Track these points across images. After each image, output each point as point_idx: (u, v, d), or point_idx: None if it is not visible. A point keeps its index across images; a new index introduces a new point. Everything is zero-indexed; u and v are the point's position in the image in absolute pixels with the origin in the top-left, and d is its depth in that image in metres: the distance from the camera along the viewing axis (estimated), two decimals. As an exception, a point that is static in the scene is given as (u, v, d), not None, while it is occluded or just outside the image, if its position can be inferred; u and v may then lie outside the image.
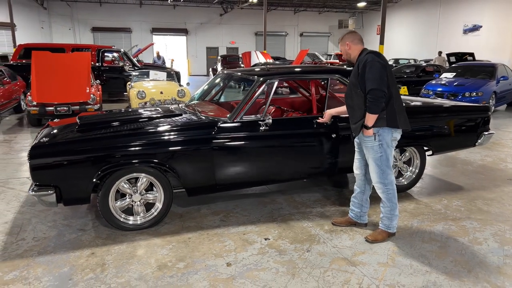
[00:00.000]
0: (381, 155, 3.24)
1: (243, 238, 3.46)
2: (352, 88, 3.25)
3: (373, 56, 3.11)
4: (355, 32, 3.41)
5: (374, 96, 3.05)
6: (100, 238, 3.45)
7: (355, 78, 3.20)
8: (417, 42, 26.83)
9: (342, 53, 3.37)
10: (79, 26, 27.38)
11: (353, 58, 3.30)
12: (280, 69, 4.53)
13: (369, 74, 3.06)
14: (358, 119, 3.22)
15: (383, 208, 3.41)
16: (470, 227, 3.70)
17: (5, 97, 9.35)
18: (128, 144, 3.44)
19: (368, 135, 3.20)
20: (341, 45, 3.38)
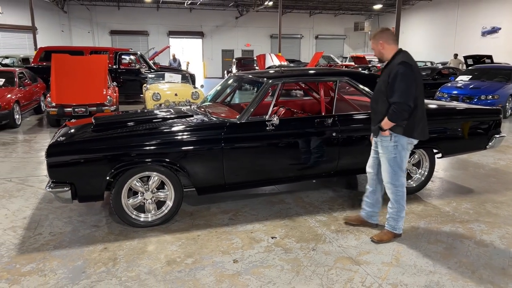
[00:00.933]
0: (395, 156, 3.26)
1: (251, 237, 3.55)
2: (378, 94, 3.26)
3: (405, 68, 3.05)
4: (389, 30, 3.31)
5: (398, 109, 3.07)
6: (113, 234, 3.58)
7: (384, 86, 3.17)
8: (434, 44, 26.53)
9: (374, 51, 3.32)
10: (97, 29, 27.95)
11: (386, 58, 3.26)
12: (292, 72, 4.61)
13: (398, 86, 3.04)
14: (378, 122, 3.26)
15: (391, 209, 3.43)
16: (477, 230, 3.71)
17: (26, 99, 9.66)
18: (141, 144, 3.57)
19: (385, 135, 3.25)
20: (373, 43, 3.28)
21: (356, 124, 4.24)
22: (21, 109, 9.33)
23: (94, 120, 4.08)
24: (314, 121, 4.11)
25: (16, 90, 9.31)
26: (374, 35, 3.31)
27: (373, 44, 3.33)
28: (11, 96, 8.86)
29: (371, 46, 3.38)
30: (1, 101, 8.39)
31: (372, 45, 3.35)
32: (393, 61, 3.19)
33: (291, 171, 4.09)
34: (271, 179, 4.08)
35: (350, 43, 33.11)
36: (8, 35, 24.12)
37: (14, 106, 8.81)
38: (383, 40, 3.24)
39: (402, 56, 3.18)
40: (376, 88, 3.32)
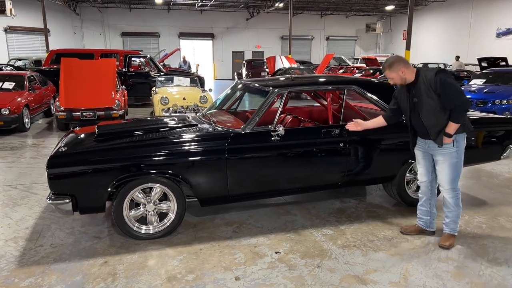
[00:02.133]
0: (457, 161, 3.39)
1: (254, 251, 3.45)
2: (430, 110, 3.29)
3: (443, 74, 3.22)
4: (400, 57, 3.42)
5: (465, 108, 3.23)
6: (114, 247, 3.52)
7: (432, 99, 3.24)
8: (447, 46, 26.11)
9: (394, 80, 3.38)
10: (109, 31, 28.16)
11: (409, 80, 3.36)
12: (298, 80, 4.50)
13: (453, 90, 3.18)
14: (439, 132, 3.32)
15: (450, 212, 3.53)
16: (490, 246, 3.56)
17: (35, 102, 9.72)
18: (143, 155, 3.50)
19: (448, 142, 3.32)
20: (391, 72, 3.34)
21: (364, 134, 4.12)
22: (31, 113, 9.38)
23: (97, 129, 4.03)
24: (321, 131, 4.00)
25: (26, 94, 9.36)
26: (391, 66, 3.35)
27: (391, 73, 3.37)
28: (21, 100, 8.90)
29: (389, 76, 3.40)
30: (11, 105, 8.43)
31: (389, 75, 3.39)
32: (421, 78, 3.30)
33: (296, 182, 3.99)
34: (276, 190, 3.99)
35: (362, 45, 32.81)
36: (21, 37, 24.44)
37: (24, 110, 8.85)
38: (403, 67, 3.33)
39: (428, 70, 3.34)
40: (423, 108, 3.32)
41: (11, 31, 23.78)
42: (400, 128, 3.96)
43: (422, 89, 3.28)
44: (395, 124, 4.17)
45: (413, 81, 3.35)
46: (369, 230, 3.87)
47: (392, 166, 4.23)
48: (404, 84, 3.40)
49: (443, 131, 3.30)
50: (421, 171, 3.68)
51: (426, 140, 3.49)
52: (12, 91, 9.20)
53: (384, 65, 3.42)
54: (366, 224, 4.01)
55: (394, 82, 3.43)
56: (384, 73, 3.44)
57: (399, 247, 3.54)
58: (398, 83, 3.41)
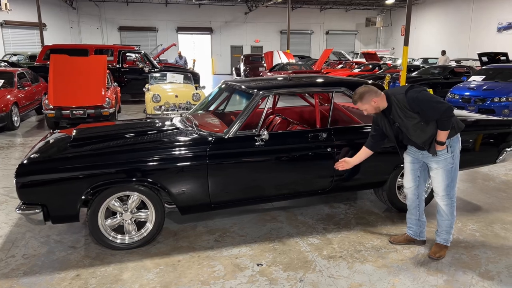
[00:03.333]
0: (452, 166, 3.24)
1: (235, 263, 3.29)
2: (415, 128, 3.14)
3: (413, 92, 3.08)
4: (367, 86, 3.24)
5: (449, 115, 3.03)
6: (89, 258, 3.36)
7: (413, 118, 3.09)
8: (448, 40, 25.81)
9: (367, 110, 3.21)
10: (106, 25, 27.91)
11: (383, 107, 3.21)
12: (284, 82, 4.31)
13: (429, 104, 3.03)
14: (429, 144, 3.17)
15: (443, 221, 3.37)
16: (483, 257, 3.40)
17: (26, 99, 9.55)
18: (118, 162, 3.33)
19: (443, 149, 3.17)
20: (364, 103, 3.17)
21: (353, 138, 3.95)
22: (20, 111, 9.21)
23: (74, 133, 3.86)
24: (308, 135, 3.83)
25: (15, 92, 9.18)
26: (362, 98, 3.17)
27: (364, 105, 3.19)
28: (9, 98, 8.72)
29: (362, 108, 3.23)
30: (-2, 103, 8.27)
31: (362, 107, 3.22)
32: (393, 103, 3.15)
33: (282, 189, 3.82)
34: (262, 197, 3.82)
35: (362, 39, 32.51)
36: (17, 32, 24.20)
37: (12, 108, 8.69)
38: (374, 96, 3.16)
39: (396, 91, 3.20)
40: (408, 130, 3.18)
41: (7, 25, 23.54)
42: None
43: (399, 113, 3.13)
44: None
45: (387, 107, 3.20)
46: (357, 239, 3.71)
47: (382, 171, 4.06)
48: (379, 112, 3.23)
49: (435, 140, 3.15)
50: (407, 176, 3.51)
51: (419, 149, 3.33)
52: (1, 89, 9.01)
53: (354, 98, 3.22)
54: (354, 232, 3.85)
55: (368, 112, 3.25)
56: (356, 105, 3.25)
57: (387, 258, 3.38)
58: (372, 112, 3.23)
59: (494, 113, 9.61)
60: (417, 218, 3.56)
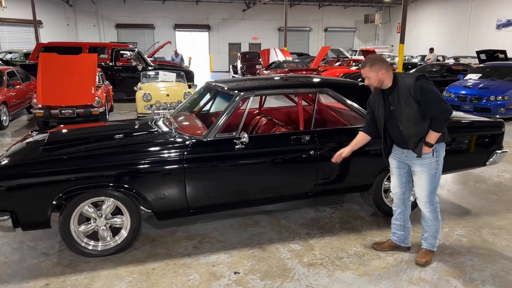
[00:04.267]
0: (436, 171, 3.17)
1: (211, 271, 3.18)
2: (409, 118, 3.03)
3: (424, 80, 2.99)
4: (385, 59, 3.12)
5: (447, 116, 2.99)
6: (61, 266, 3.25)
7: (411, 107, 2.99)
8: (446, 37, 25.67)
9: (371, 79, 3.05)
10: (103, 22, 27.75)
11: (385, 85, 3.07)
12: (266, 83, 4.19)
13: (434, 98, 2.96)
14: (417, 142, 3.07)
15: (429, 227, 3.30)
16: (468, 265, 3.28)
17: (15, 98, 9.43)
18: (91, 166, 3.22)
19: (428, 152, 3.09)
20: (372, 71, 3.02)
21: (338, 141, 3.83)
22: (10, 110, 9.11)
23: (48, 135, 3.75)
24: (290, 138, 3.71)
25: (5, 90, 9.08)
26: (373, 64, 3.02)
27: (370, 73, 3.04)
28: (-2, 97, 8.62)
29: (366, 75, 3.06)
30: (-14, 102, 8.15)
31: (368, 73, 3.05)
32: (399, 84, 3.02)
33: (264, 193, 3.71)
34: (242, 202, 3.71)
35: (361, 36, 32.34)
36: (13, 29, 24.09)
37: (1, 107, 8.57)
38: (384, 70, 3.02)
39: (406, 75, 3.08)
40: (402, 116, 3.04)
41: (3, 23, 23.44)
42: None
43: (401, 97, 3.00)
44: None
45: (389, 87, 3.06)
46: (340, 245, 3.60)
47: (368, 175, 3.95)
48: (379, 88, 3.08)
49: (423, 140, 3.04)
50: (394, 181, 3.41)
51: (403, 150, 3.21)
52: (-11, 88, 8.91)
53: (365, 61, 3.06)
54: (338, 238, 3.74)
55: (369, 82, 3.07)
56: (362, 70, 3.07)
57: (369, 265, 3.27)
58: (374, 85, 3.07)
59: (490, 112, 9.49)
60: (402, 224, 3.46)
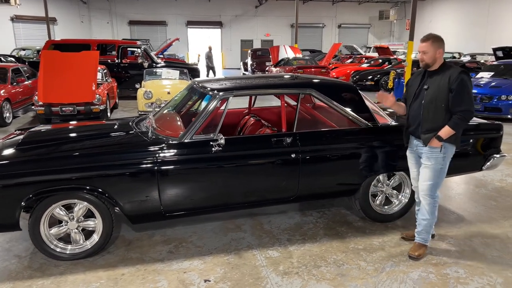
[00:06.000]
0: (442, 167, 3.22)
1: (181, 278, 3.08)
2: (434, 101, 3.12)
3: (468, 77, 3.05)
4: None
5: (466, 117, 3.06)
6: (30, 269, 3.19)
7: (442, 92, 3.07)
8: (464, 34, 24.99)
9: (426, 55, 3.10)
10: (116, 19, 27.95)
11: (434, 66, 3.16)
12: (246, 82, 4.04)
13: (466, 95, 3.03)
14: (430, 130, 3.14)
15: (424, 221, 3.34)
16: (452, 277, 3.09)
17: (19, 95, 9.51)
18: (61, 168, 3.15)
19: (436, 146, 3.14)
20: (432, 46, 3.08)
21: (321, 143, 3.68)
22: (14, 107, 9.19)
23: (24, 135, 3.70)
24: (270, 140, 3.57)
25: (9, 87, 9.15)
26: (435, 41, 3.11)
27: (430, 47, 3.10)
28: (0, 93, 8.68)
29: (425, 49, 3.11)
30: (-12, 99, 8.23)
31: (427, 47, 3.10)
32: (445, 69, 3.11)
33: (241, 197, 3.58)
34: (219, 206, 3.58)
35: (375, 33, 31.78)
36: (28, 26, 24.44)
37: (4, 104, 8.65)
38: (442, 50, 3.14)
39: (455, 67, 3.14)
40: (428, 97, 3.14)
41: (18, 20, 23.82)
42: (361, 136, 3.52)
43: (439, 80, 3.09)
44: (357, 132, 3.76)
45: (435, 70, 3.16)
46: (320, 253, 3.45)
47: (352, 179, 3.78)
48: (427, 67, 3.17)
49: (434, 133, 3.11)
50: (413, 175, 3.52)
51: (414, 141, 3.35)
52: (-7, 85, 8.99)
53: (428, 36, 3.12)
54: (319, 245, 3.59)
55: (423, 58, 3.12)
56: (424, 44, 3.10)
57: (347, 275, 3.11)
58: (426, 60, 3.12)
59: (501, 112, 9.16)
60: None
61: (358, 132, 3.76)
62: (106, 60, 12.78)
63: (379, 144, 3.74)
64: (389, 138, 3.80)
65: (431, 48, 3.10)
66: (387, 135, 3.82)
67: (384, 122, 3.88)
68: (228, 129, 4.82)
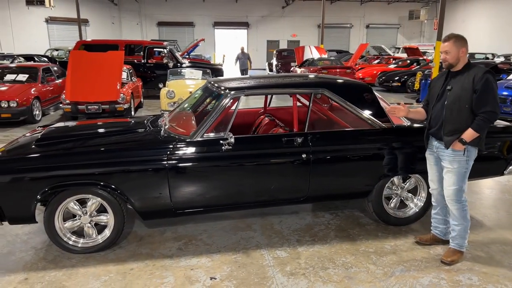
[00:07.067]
0: (466, 171, 3.16)
1: (188, 275, 3.11)
2: (457, 102, 3.05)
3: (492, 77, 2.98)
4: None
5: (490, 119, 2.98)
6: (45, 261, 3.31)
7: (466, 92, 3.01)
8: (498, 34, 24.08)
9: (449, 54, 3.05)
10: (146, 21, 28.51)
11: (457, 66, 3.10)
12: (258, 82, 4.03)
13: (491, 95, 2.96)
14: (453, 132, 3.07)
15: (457, 226, 3.25)
16: (465, 284, 2.99)
17: (50, 93, 9.85)
18: (75, 164, 3.24)
19: (459, 149, 3.08)
20: (455, 46, 3.04)
21: (332, 144, 3.63)
22: (43, 105, 9.51)
23: (43, 132, 3.83)
24: (280, 140, 3.56)
25: (39, 86, 9.49)
26: (457, 40, 3.06)
27: (453, 47, 3.05)
28: (31, 92, 9.02)
29: (447, 48, 3.06)
30: (19, 97, 8.56)
31: (450, 47, 3.06)
32: (469, 70, 3.06)
33: (251, 196, 3.58)
34: (228, 205, 3.60)
35: (405, 33, 31.09)
36: (61, 27, 25.30)
37: (34, 102, 8.98)
38: (465, 49, 3.08)
39: (479, 66, 3.08)
40: (452, 96, 3.08)
41: (52, 21, 24.69)
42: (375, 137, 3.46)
43: (464, 80, 3.03)
44: (370, 133, 3.69)
45: (459, 70, 3.10)
46: (329, 255, 3.41)
47: (365, 181, 3.72)
48: (452, 67, 3.10)
49: (456, 135, 3.04)
50: (431, 177, 3.44)
51: (435, 143, 3.27)
52: (25, 83, 9.34)
53: (449, 36, 3.08)
54: (329, 247, 3.55)
55: (446, 58, 3.06)
56: (446, 43, 3.06)
57: (354, 278, 3.06)
58: (450, 61, 3.07)
59: (533, 115, 8.76)
60: (444, 218, 3.48)
61: (371, 133, 3.69)
62: (132, 60, 13.07)
63: (393, 146, 3.66)
64: (404, 140, 3.71)
65: (453, 48, 3.04)
66: (402, 136, 3.73)
67: (399, 124, 3.79)
68: (243, 128, 4.83)
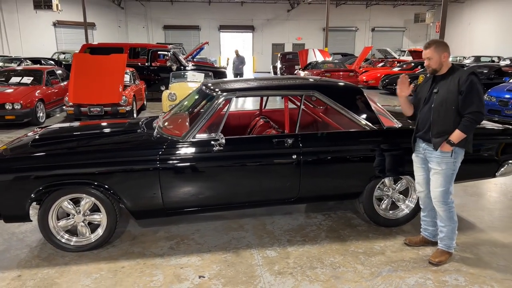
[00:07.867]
0: (453, 172, 3.19)
1: (177, 273, 3.16)
2: (444, 103, 3.09)
3: (477, 79, 3.04)
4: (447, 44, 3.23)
5: (476, 119, 3.02)
6: (38, 258, 3.38)
7: (452, 94, 3.05)
8: (504, 37, 23.98)
9: (431, 61, 3.12)
10: (152, 24, 28.79)
11: (442, 70, 3.15)
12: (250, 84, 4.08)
13: (476, 96, 3.00)
14: (440, 134, 3.11)
15: (444, 227, 3.28)
16: (451, 284, 3.01)
17: (54, 96, 10.00)
18: (68, 164, 3.31)
19: (447, 150, 3.11)
20: (436, 52, 3.09)
21: (323, 146, 3.67)
22: (47, 107, 9.66)
23: (40, 133, 3.92)
24: (271, 141, 3.60)
25: (43, 89, 9.64)
26: (438, 46, 3.12)
27: (434, 53, 3.11)
28: (35, 94, 9.16)
29: (429, 55, 3.13)
30: (24, 99, 8.70)
31: (431, 53, 3.12)
32: (453, 72, 3.11)
33: (242, 197, 3.63)
34: (219, 205, 3.65)
35: (410, 36, 31.05)
36: (69, 31, 25.60)
37: (38, 104, 9.11)
38: (447, 53, 3.14)
39: (462, 69, 3.14)
40: (438, 99, 3.12)
41: (59, 25, 25.00)
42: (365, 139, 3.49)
43: (449, 83, 3.07)
44: (360, 134, 3.72)
45: (443, 74, 3.15)
46: (318, 255, 3.44)
47: (355, 182, 3.75)
48: (436, 72, 3.16)
49: (445, 137, 3.07)
50: (418, 180, 3.45)
51: (422, 144, 3.29)
52: (29, 86, 9.50)
53: (430, 42, 3.15)
54: (318, 247, 3.58)
55: (429, 64, 3.13)
56: (427, 50, 3.13)
57: (341, 278, 3.09)
58: (433, 66, 3.13)
59: (534, 118, 8.73)
60: (433, 220, 3.48)
61: (362, 135, 3.72)
62: (136, 63, 13.22)
63: (383, 147, 3.69)
64: (394, 141, 3.74)
65: (434, 54, 3.10)
66: (392, 138, 3.76)
67: (390, 125, 3.82)
68: (239, 130, 4.89)
